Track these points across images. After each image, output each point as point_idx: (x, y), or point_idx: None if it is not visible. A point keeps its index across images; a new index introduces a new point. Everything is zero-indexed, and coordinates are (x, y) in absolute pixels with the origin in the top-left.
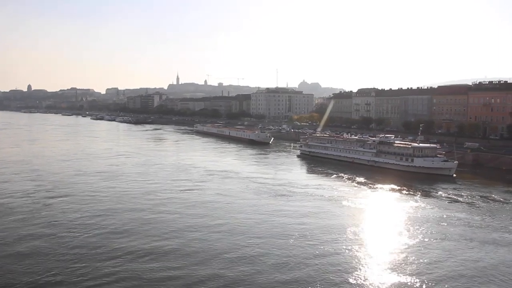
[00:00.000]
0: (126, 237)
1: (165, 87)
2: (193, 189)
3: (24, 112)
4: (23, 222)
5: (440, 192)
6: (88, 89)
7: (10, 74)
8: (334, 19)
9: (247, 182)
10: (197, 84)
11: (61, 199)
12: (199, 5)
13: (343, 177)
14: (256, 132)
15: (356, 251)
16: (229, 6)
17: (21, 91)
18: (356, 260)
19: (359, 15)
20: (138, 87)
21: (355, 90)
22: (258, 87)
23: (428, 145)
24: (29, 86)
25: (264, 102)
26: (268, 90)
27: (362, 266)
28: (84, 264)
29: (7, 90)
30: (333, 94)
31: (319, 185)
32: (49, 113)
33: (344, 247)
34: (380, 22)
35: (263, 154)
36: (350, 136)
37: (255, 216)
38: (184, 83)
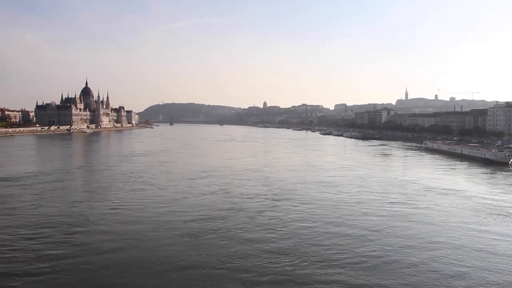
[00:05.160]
0: (337, 238)
1: (393, 103)
2: (403, 202)
3: (260, 127)
4: (251, 219)
5: None
6: (318, 105)
7: (249, 92)
8: None
9: (465, 201)
10: (427, 99)
11: (284, 202)
12: (435, 17)
13: None
14: (493, 150)
15: None
16: (471, 18)
17: (257, 108)
18: None
19: None
20: (366, 103)
21: None
22: (496, 101)
23: None
24: (265, 103)
25: (503, 118)
26: (508, 104)
27: None
28: (290, 260)
29: (246, 107)
30: None
31: None
32: (281, 128)
33: None
34: None
35: (497, 174)
36: None
37: (468, 238)
38: (413, 98)
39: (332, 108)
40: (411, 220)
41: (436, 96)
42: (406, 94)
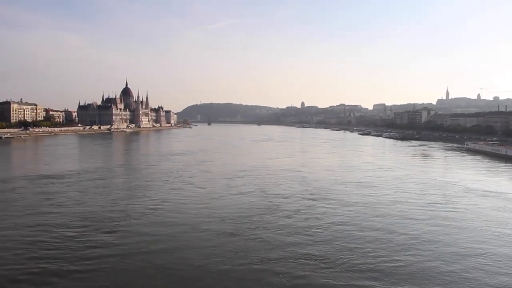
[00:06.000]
0: (374, 243)
1: (434, 102)
2: (441, 203)
3: (297, 127)
4: (288, 219)
5: None
6: (356, 105)
7: (287, 92)
8: None
9: (508, 204)
10: (469, 98)
11: (321, 202)
12: (478, 16)
13: None
14: None
15: None
16: None
17: (295, 108)
18: None
19: None
20: (405, 103)
21: None
22: None
23: None
24: (302, 103)
25: None
26: None
27: None
28: (338, 260)
29: (284, 107)
30: None
31: None
32: (319, 128)
33: None
34: None
35: None
36: None
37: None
38: (454, 98)
39: (370, 108)
40: (450, 224)
41: (478, 95)
42: (447, 93)
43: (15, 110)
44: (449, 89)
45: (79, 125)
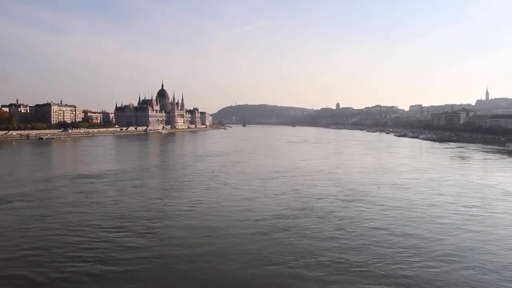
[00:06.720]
0: (408, 251)
1: (472, 103)
2: (478, 207)
3: (332, 128)
4: (322, 219)
5: None
6: (392, 106)
7: (322, 93)
8: None
9: None
10: (510, 99)
11: (356, 203)
12: None
13: None
14: None
15: None
16: None
17: (330, 109)
18: None
19: None
20: (443, 104)
21: None
22: None
23: None
24: (338, 104)
25: None
26: None
27: None
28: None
29: (319, 109)
30: None
31: None
32: (354, 129)
33: None
34: None
35: None
36: None
37: None
38: (494, 98)
39: (407, 109)
40: (488, 230)
41: None
42: (487, 94)
43: (55, 112)
44: (489, 89)
45: (116, 126)
